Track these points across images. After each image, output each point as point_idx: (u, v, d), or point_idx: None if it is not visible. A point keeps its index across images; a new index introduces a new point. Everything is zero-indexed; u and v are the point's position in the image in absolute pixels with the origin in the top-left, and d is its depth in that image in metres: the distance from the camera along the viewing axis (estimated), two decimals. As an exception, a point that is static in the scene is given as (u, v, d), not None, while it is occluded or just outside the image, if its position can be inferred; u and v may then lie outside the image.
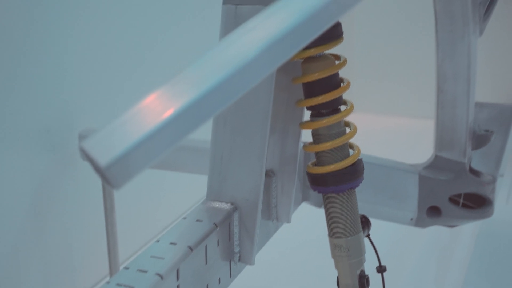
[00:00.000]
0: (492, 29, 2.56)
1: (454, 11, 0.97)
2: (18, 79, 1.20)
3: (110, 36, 1.44)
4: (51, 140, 1.30)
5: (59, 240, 1.34)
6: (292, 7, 0.49)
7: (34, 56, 1.23)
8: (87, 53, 1.37)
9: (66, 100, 1.33)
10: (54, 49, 1.28)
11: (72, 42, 1.32)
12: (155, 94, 0.40)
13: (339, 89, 0.75)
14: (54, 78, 1.29)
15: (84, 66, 1.37)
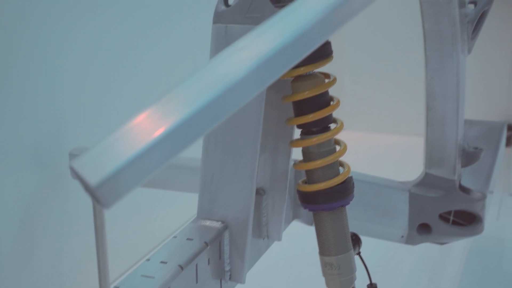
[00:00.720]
0: (480, 47, 2.58)
1: (442, 30, 0.98)
2: (8, 97, 1.20)
3: (100, 55, 1.44)
4: (41, 158, 1.29)
5: (49, 259, 1.34)
6: (281, 26, 0.49)
7: (23, 74, 1.23)
8: (77, 71, 1.37)
9: (57, 118, 1.32)
10: (44, 67, 1.28)
11: (61, 60, 1.33)
12: (146, 113, 0.40)
13: (329, 107, 0.75)
14: (44, 96, 1.29)
15: (74, 84, 1.37)
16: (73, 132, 1.37)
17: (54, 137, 1.32)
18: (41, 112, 1.29)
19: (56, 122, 1.33)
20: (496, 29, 2.77)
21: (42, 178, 1.30)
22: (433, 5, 0.95)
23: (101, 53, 1.45)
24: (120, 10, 1.50)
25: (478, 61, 2.78)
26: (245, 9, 0.67)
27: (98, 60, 1.44)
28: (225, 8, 0.69)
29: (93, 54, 1.42)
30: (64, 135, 1.34)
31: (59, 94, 1.33)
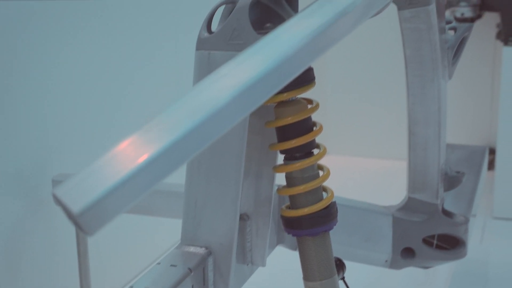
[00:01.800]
0: (461, 72, 2.60)
1: (423, 56, 0.99)
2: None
3: (84, 81, 1.44)
4: (24, 184, 1.28)
5: (31, 286, 1.32)
6: (264, 53, 0.50)
7: (6, 99, 1.23)
8: (61, 97, 1.37)
9: (40, 144, 1.32)
10: (28, 93, 1.28)
11: (45, 87, 1.32)
12: (129, 140, 0.40)
13: (312, 133, 0.76)
14: (28, 122, 1.29)
15: (58, 111, 1.37)
16: (57, 158, 1.37)
17: (37, 163, 1.31)
18: (25, 138, 1.28)
19: (39, 148, 1.32)
20: (477, 54, 2.80)
21: (24, 204, 1.29)
22: (414, 31, 0.96)
23: (85, 80, 1.45)
24: (102, 37, 1.50)
25: (459, 86, 2.81)
26: (228, 36, 0.68)
27: (82, 87, 1.44)
28: (208, 35, 0.69)
29: (77, 81, 1.42)
30: (47, 161, 1.34)
31: (42, 120, 1.33)
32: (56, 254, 1.38)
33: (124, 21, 1.57)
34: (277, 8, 0.72)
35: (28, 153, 1.29)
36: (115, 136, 1.19)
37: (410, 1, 0.91)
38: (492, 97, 2.85)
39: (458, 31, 1.08)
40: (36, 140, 1.31)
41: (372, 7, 0.64)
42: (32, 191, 1.31)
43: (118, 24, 1.55)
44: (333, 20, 0.56)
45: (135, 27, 1.62)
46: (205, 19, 0.71)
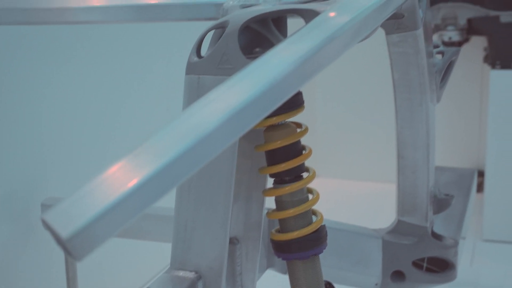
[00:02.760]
0: (450, 95, 2.62)
1: (411, 80, 1.00)
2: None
3: (73, 107, 1.44)
4: (13, 208, 1.28)
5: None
6: (253, 78, 0.50)
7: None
8: (50, 122, 1.37)
9: (29, 168, 1.32)
10: (17, 118, 1.28)
11: (34, 111, 1.32)
12: (118, 165, 0.40)
13: (301, 157, 0.76)
14: (17, 146, 1.28)
15: (48, 135, 1.36)
16: (46, 182, 1.36)
17: (26, 187, 1.31)
18: (14, 162, 1.28)
19: (28, 172, 1.32)
20: (465, 77, 2.82)
21: (13, 229, 1.28)
22: (402, 55, 0.97)
23: (74, 104, 1.45)
24: (92, 62, 1.51)
25: (448, 109, 2.83)
26: (217, 60, 0.68)
27: (71, 111, 1.44)
28: (198, 60, 0.70)
29: (66, 105, 1.42)
30: (36, 185, 1.33)
31: (32, 143, 1.32)
32: (45, 279, 1.37)
33: (114, 46, 1.58)
34: (266, 33, 0.73)
35: (17, 177, 1.29)
36: (105, 160, 1.20)
37: (397, 26, 0.92)
38: (480, 120, 2.87)
39: (445, 55, 1.09)
40: (25, 164, 1.31)
41: (360, 32, 0.65)
42: (21, 215, 1.30)
43: (108, 48, 1.56)
44: (321, 45, 0.57)
45: (126, 51, 1.62)
46: (195, 43, 0.72)
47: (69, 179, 1.42)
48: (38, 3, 0.85)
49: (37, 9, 0.84)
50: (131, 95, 1.66)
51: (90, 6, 0.83)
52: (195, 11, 0.83)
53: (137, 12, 0.83)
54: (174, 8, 0.83)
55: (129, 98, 1.65)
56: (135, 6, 0.83)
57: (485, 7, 2.44)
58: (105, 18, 0.83)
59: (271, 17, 0.73)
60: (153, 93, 1.74)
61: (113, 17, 0.83)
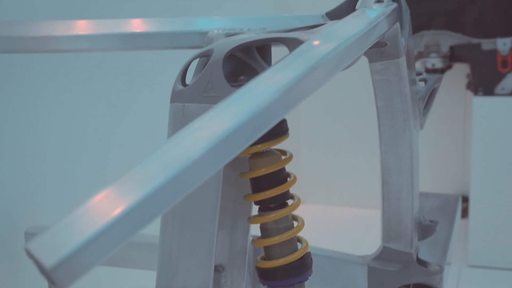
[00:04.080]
0: (434, 121, 2.64)
1: (394, 107, 1.01)
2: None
3: (57, 134, 1.44)
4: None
5: None
6: (238, 106, 0.51)
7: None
8: (36, 149, 1.37)
9: (12, 196, 1.31)
10: (1, 144, 1.27)
11: (19, 140, 1.32)
12: (103, 193, 0.40)
13: (286, 184, 0.76)
14: (1, 173, 1.28)
15: (32, 162, 1.36)
16: (30, 209, 1.35)
17: (9, 214, 1.30)
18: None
19: (12, 199, 1.31)
20: (448, 104, 2.85)
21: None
22: (385, 83, 0.98)
23: (58, 132, 1.44)
24: (76, 91, 1.51)
25: (432, 135, 2.85)
26: (202, 88, 0.68)
27: (54, 138, 1.43)
28: (183, 88, 0.70)
29: (49, 134, 1.42)
30: (20, 213, 1.32)
31: (16, 170, 1.32)
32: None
33: (99, 75, 1.58)
34: (251, 61, 0.74)
35: (1, 205, 1.28)
36: (90, 188, 1.19)
37: (380, 54, 0.93)
38: (464, 146, 2.89)
39: (428, 82, 1.10)
40: (8, 191, 1.30)
41: (344, 60, 0.66)
42: (3, 244, 1.29)
43: (92, 77, 1.56)
44: (305, 73, 0.58)
45: (110, 80, 1.63)
46: (180, 72, 0.72)
47: (53, 207, 1.41)
48: (24, 32, 0.85)
49: (22, 37, 0.85)
50: (116, 123, 1.66)
51: (75, 35, 0.83)
52: (180, 39, 0.83)
53: (123, 40, 0.83)
54: (160, 37, 0.84)
55: (114, 126, 1.65)
56: (120, 34, 0.83)
57: (467, 35, 2.48)
58: (91, 46, 0.83)
59: (256, 45, 0.74)
60: (138, 121, 1.74)
61: (99, 45, 0.83)
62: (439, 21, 2.53)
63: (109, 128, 1.63)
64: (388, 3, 0.85)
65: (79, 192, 1.46)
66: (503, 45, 2.39)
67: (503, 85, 2.43)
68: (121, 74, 1.66)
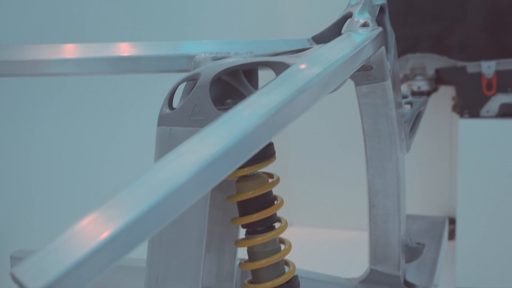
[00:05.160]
0: (420, 144, 2.65)
1: (381, 130, 1.01)
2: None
3: (43, 158, 1.44)
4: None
5: None
6: (224, 130, 0.51)
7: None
8: (21, 172, 1.36)
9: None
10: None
11: (3, 164, 1.31)
12: (90, 218, 0.40)
13: (273, 207, 0.76)
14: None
15: (17, 187, 1.35)
16: (15, 234, 1.34)
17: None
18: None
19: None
20: (434, 126, 2.87)
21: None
22: (371, 106, 0.98)
23: (44, 155, 1.44)
24: (64, 114, 1.50)
25: (418, 157, 2.86)
26: (189, 112, 0.69)
27: (41, 162, 1.43)
28: (170, 111, 0.70)
29: (36, 157, 1.41)
30: (6, 237, 1.31)
31: (0, 195, 1.31)
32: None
33: (86, 98, 1.58)
34: (238, 85, 0.74)
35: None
36: (77, 212, 1.19)
37: (366, 77, 0.93)
38: (450, 168, 2.91)
39: (414, 105, 1.11)
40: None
41: (330, 84, 0.66)
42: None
43: (79, 101, 1.56)
44: (292, 97, 0.58)
45: (97, 103, 1.63)
46: (167, 95, 0.72)
47: (40, 231, 1.40)
48: (11, 56, 0.85)
49: (10, 61, 0.85)
50: (103, 146, 1.66)
51: (63, 58, 0.83)
52: (168, 63, 0.84)
53: (111, 64, 0.84)
54: (147, 61, 0.84)
55: (101, 149, 1.65)
56: (108, 58, 0.84)
57: (452, 58, 2.50)
58: (79, 70, 0.84)
59: (242, 69, 0.74)
60: (125, 145, 1.74)
61: (87, 69, 0.83)
62: (424, 44, 2.56)
63: (96, 151, 1.63)
64: (373, 27, 0.85)
65: (65, 216, 1.45)
66: (487, 68, 2.42)
67: (488, 107, 2.45)
68: (108, 97, 1.66)
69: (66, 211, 1.47)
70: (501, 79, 2.43)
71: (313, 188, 3.05)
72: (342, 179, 2.99)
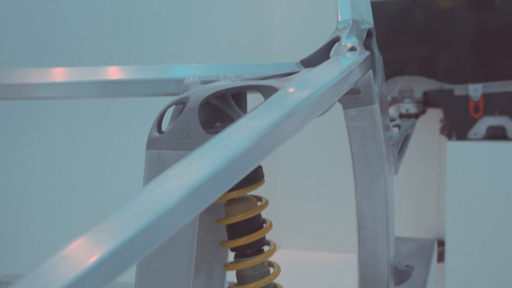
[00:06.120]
0: (409, 167, 2.66)
1: (369, 153, 1.02)
2: None
3: (31, 182, 1.43)
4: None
5: None
6: (213, 153, 0.51)
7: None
8: (7, 198, 1.35)
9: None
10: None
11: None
12: (78, 242, 0.40)
13: (262, 230, 0.77)
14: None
15: (4, 211, 1.34)
16: (3, 258, 1.34)
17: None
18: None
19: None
20: (423, 148, 2.88)
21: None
22: (359, 129, 0.99)
23: (30, 181, 1.43)
24: (52, 138, 1.50)
25: (407, 180, 2.87)
26: (178, 135, 0.69)
27: (30, 187, 1.42)
28: (158, 135, 0.71)
29: (22, 182, 1.41)
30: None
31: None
32: None
33: (73, 122, 1.58)
34: (226, 109, 0.74)
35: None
36: (65, 236, 1.18)
37: (354, 101, 0.94)
38: (439, 190, 2.92)
39: (402, 128, 1.12)
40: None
41: (318, 107, 0.67)
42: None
43: (68, 125, 1.56)
44: (280, 120, 0.58)
45: (86, 127, 1.63)
46: (156, 119, 0.73)
47: (28, 255, 1.39)
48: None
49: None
50: (91, 169, 1.66)
51: (52, 82, 0.83)
52: (156, 87, 0.84)
53: (99, 88, 0.84)
54: (136, 84, 0.84)
55: (89, 172, 1.65)
56: (97, 82, 0.84)
57: (439, 81, 2.52)
58: (67, 94, 0.84)
59: (231, 93, 0.75)
60: (113, 168, 1.74)
61: (75, 93, 0.83)
62: (412, 67, 2.58)
63: (84, 175, 1.62)
64: (361, 51, 0.86)
65: (53, 240, 1.44)
66: (474, 91, 2.44)
67: (476, 130, 2.46)
68: (97, 121, 1.66)
69: (54, 235, 1.46)
70: (488, 102, 2.45)
71: (302, 211, 3.05)
72: (331, 202, 3.00)
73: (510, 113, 2.45)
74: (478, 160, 2.43)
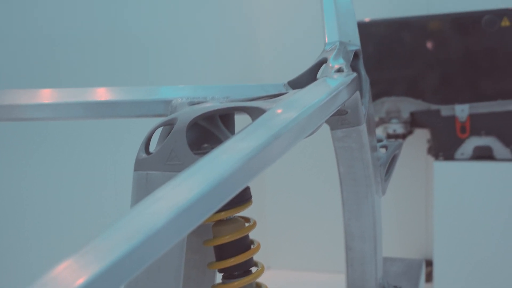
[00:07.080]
0: (397, 187, 2.67)
1: (356, 173, 1.02)
2: None
3: (22, 204, 1.42)
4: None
5: None
6: (201, 175, 0.51)
7: None
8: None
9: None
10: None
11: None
12: (65, 264, 0.40)
13: (250, 251, 0.76)
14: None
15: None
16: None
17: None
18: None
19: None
20: (410, 168, 2.89)
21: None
22: (347, 150, 0.99)
23: (17, 201, 1.43)
24: (40, 161, 1.50)
25: (394, 200, 2.88)
26: (166, 156, 0.69)
27: (18, 206, 1.41)
28: (146, 156, 0.70)
29: (10, 202, 1.40)
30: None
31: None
32: None
33: (60, 143, 1.58)
34: (214, 130, 0.75)
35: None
36: (52, 259, 1.17)
37: (341, 122, 0.95)
38: (426, 210, 2.92)
39: (389, 149, 1.12)
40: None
41: (305, 129, 0.67)
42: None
43: (55, 146, 1.55)
44: (268, 142, 0.58)
45: (73, 148, 1.62)
46: (144, 140, 0.73)
47: (15, 277, 1.38)
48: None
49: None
50: (79, 191, 1.65)
51: (39, 103, 0.83)
52: (144, 108, 0.84)
53: (87, 109, 0.84)
54: (124, 105, 0.84)
55: (76, 193, 1.64)
56: (84, 103, 0.84)
57: (426, 101, 2.54)
58: (55, 115, 0.84)
59: (219, 114, 0.75)
60: (101, 190, 1.73)
61: (63, 114, 0.83)
62: (399, 88, 2.60)
63: (72, 195, 1.62)
64: (348, 73, 0.87)
65: (41, 261, 1.43)
66: (461, 111, 2.46)
67: (463, 150, 2.48)
68: (84, 142, 1.66)
69: (41, 256, 1.45)
70: (474, 122, 2.47)
71: (290, 231, 3.05)
72: (319, 222, 2.99)
73: (497, 133, 2.47)
74: (465, 180, 2.45)
